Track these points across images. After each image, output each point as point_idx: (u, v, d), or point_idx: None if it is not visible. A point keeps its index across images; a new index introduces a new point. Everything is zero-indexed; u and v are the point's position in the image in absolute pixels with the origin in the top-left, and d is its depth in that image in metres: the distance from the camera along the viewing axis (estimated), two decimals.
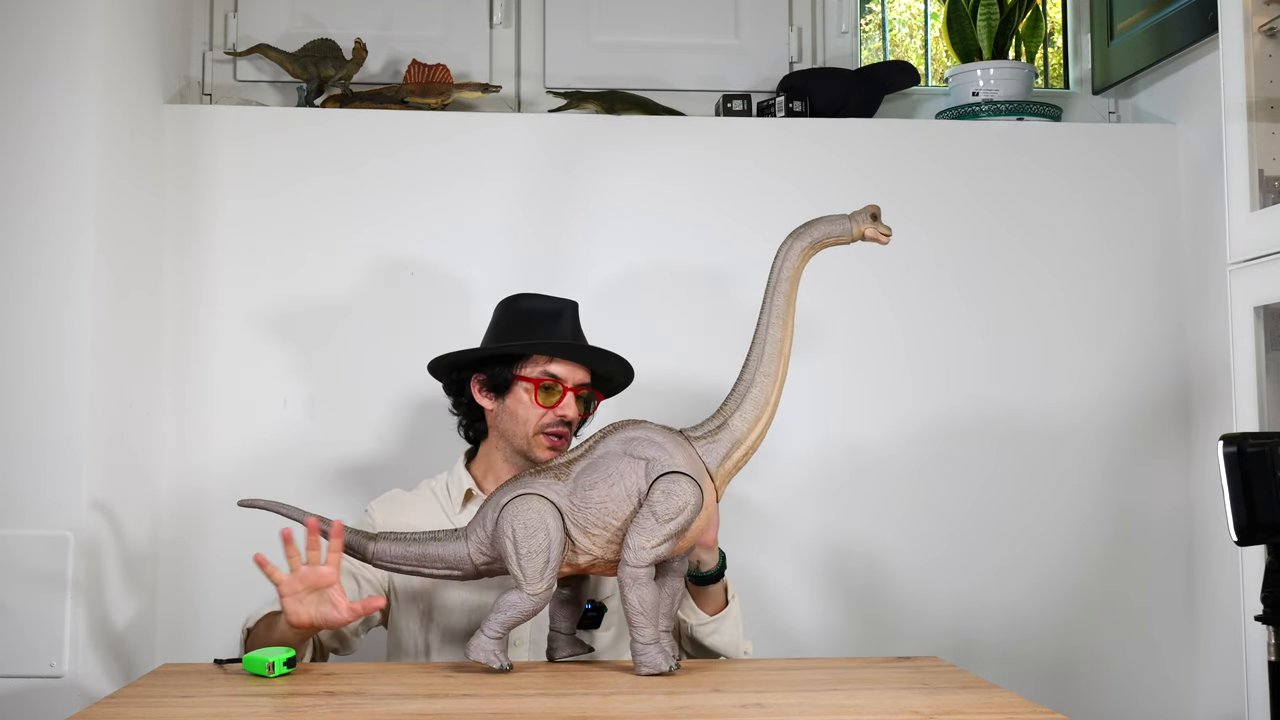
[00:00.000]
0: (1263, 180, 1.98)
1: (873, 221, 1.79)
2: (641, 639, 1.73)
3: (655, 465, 1.74)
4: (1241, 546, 1.49)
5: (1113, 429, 2.66)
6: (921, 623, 2.60)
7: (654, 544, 1.72)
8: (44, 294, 2.17)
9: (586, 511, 1.75)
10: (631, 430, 1.78)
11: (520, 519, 1.74)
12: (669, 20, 2.86)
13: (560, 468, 1.78)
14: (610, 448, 1.77)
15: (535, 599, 1.73)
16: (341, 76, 2.68)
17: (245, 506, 1.85)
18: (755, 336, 1.81)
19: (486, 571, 1.81)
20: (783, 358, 1.80)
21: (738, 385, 1.80)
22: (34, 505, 2.14)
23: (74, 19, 2.19)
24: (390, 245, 2.59)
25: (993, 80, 2.76)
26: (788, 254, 1.82)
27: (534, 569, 1.73)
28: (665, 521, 1.72)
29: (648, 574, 1.72)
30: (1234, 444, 1.46)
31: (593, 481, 1.75)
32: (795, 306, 1.82)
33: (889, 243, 1.81)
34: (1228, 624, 2.46)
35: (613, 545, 1.75)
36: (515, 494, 1.77)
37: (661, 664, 1.72)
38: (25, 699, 2.12)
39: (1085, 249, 2.69)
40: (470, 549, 1.79)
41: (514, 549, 1.73)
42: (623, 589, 1.73)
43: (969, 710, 1.55)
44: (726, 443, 1.78)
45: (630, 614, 1.72)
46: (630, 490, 1.74)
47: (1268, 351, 1.95)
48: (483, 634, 1.74)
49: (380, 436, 2.56)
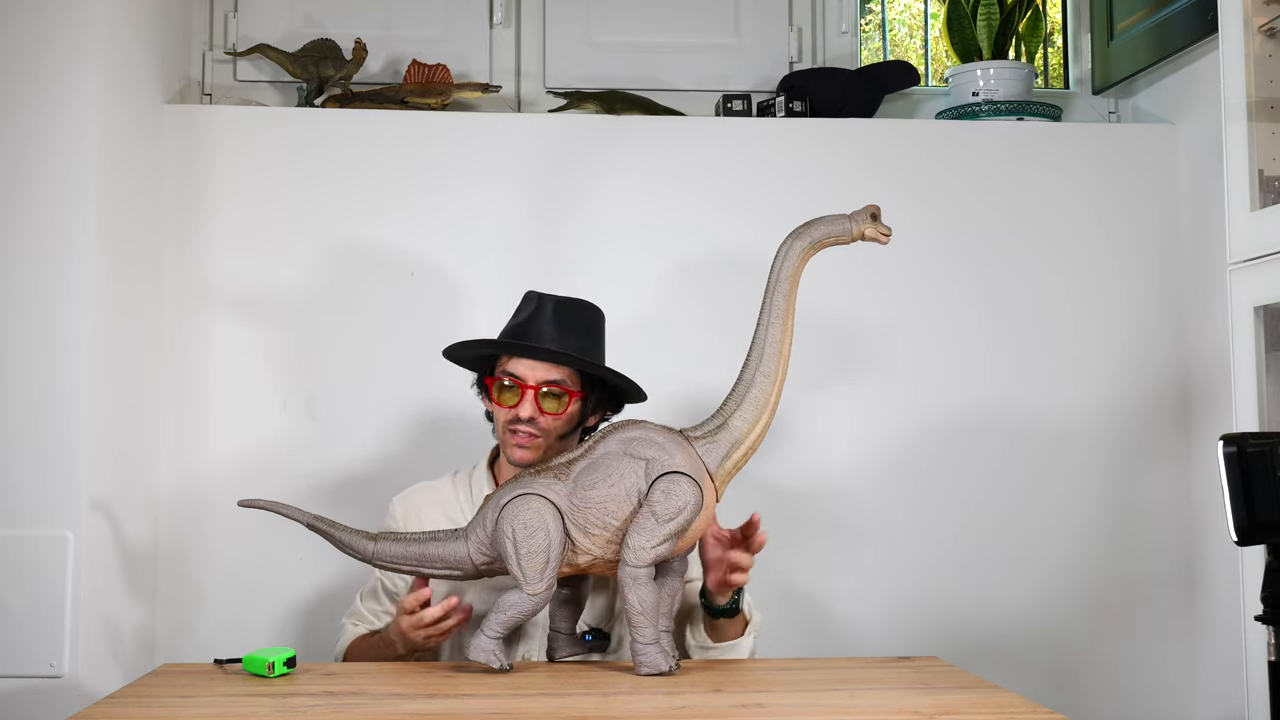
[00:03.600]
0: (1263, 180, 1.98)
1: (872, 221, 1.80)
2: (642, 639, 1.73)
3: (655, 465, 1.74)
4: (1241, 546, 1.49)
5: (1113, 429, 2.66)
6: (921, 623, 2.60)
7: (654, 544, 1.72)
8: (44, 294, 2.17)
9: (586, 511, 1.75)
10: (631, 430, 1.78)
11: (520, 519, 1.74)
12: (669, 20, 2.86)
13: (560, 468, 1.78)
14: (610, 448, 1.77)
15: (535, 599, 1.73)
16: (341, 76, 2.68)
17: (245, 507, 1.85)
18: (755, 336, 1.81)
19: (486, 572, 1.82)
20: (783, 357, 1.80)
21: (737, 385, 1.80)
22: (34, 505, 2.14)
23: (74, 19, 2.19)
24: (390, 245, 2.59)
25: (993, 80, 2.76)
26: (787, 254, 1.82)
27: (534, 569, 1.73)
28: (665, 521, 1.72)
29: (647, 574, 1.73)
30: (1234, 444, 1.46)
31: (592, 481, 1.75)
32: (795, 306, 1.81)
33: (889, 242, 1.81)
34: (1228, 624, 2.46)
35: (612, 545, 1.75)
36: (515, 494, 1.77)
37: (661, 664, 1.72)
38: (25, 699, 2.12)
39: (1085, 249, 2.69)
40: (470, 549, 1.79)
41: (514, 549, 1.73)
42: (623, 589, 1.73)
43: (969, 710, 1.55)
44: (726, 443, 1.78)
45: (630, 614, 1.73)
46: (630, 490, 1.74)
47: (1268, 351, 1.95)
48: (483, 634, 1.74)
49: (380, 437, 2.56)
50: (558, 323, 2.00)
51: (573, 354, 1.97)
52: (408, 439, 2.56)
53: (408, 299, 2.59)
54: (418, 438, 2.55)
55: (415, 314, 2.58)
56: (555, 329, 1.99)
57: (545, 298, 2.03)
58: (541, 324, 2.00)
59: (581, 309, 2.05)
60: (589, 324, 2.05)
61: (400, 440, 2.56)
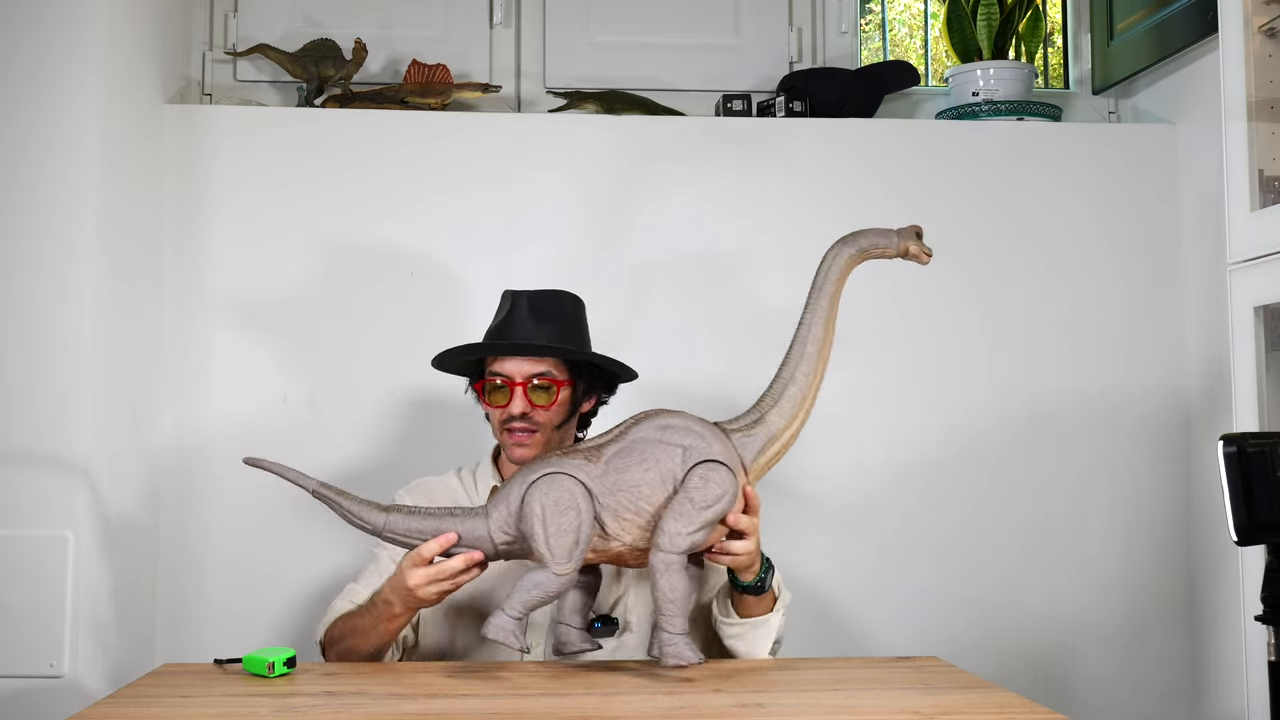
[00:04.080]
0: (1263, 180, 1.98)
1: (916, 240, 1.79)
2: (671, 628, 1.68)
3: (692, 453, 1.71)
4: (1241, 546, 1.49)
5: (1113, 428, 2.66)
6: (921, 623, 2.60)
7: (690, 530, 1.68)
8: (44, 293, 2.17)
9: (619, 495, 1.71)
10: (667, 417, 1.75)
11: (551, 495, 1.69)
12: (669, 20, 2.86)
13: (590, 450, 1.74)
14: (645, 433, 1.74)
15: (561, 579, 1.67)
16: (341, 76, 2.68)
17: (250, 465, 1.80)
18: (796, 336, 1.81)
19: (505, 553, 1.75)
20: (822, 360, 1.80)
21: (775, 383, 1.80)
22: (34, 505, 2.14)
23: (74, 19, 2.19)
24: (390, 245, 2.59)
25: (993, 80, 2.76)
26: (834, 260, 1.81)
27: (562, 548, 1.67)
28: (703, 509, 1.69)
29: (680, 561, 1.68)
30: (1234, 444, 1.46)
31: (626, 465, 1.71)
32: (838, 311, 1.81)
33: (929, 263, 1.81)
34: (1228, 624, 2.46)
35: (643, 531, 1.71)
36: (544, 472, 1.71)
37: (690, 656, 1.68)
38: (25, 699, 2.12)
39: (1085, 249, 2.69)
40: (491, 527, 1.73)
41: (542, 527, 1.68)
42: (654, 575, 1.68)
43: (969, 710, 1.55)
44: (762, 438, 1.78)
45: (660, 601, 1.68)
46: (666, 475, 1.71)
47: (1268, 351, 1.95)
48: (503, 613, 1.67)
49: (380, 434, 2.56)
50: (534, 316, 2.03)
51: (552, 345, 2.00)
52: (408, 438, 2.56)
53: (408, 299, 2.59)
54: (418, 437, 2.55)
55: (415, 314, 2.58)
56: (533, 322, 2.02)
57: (520, 294, 2.05)
58: (519, 320, 2.02)
59: (557, 299, 2.08)
60: (566, 313, 2.07)
61: (401, 440, 2.56)
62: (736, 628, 1.93)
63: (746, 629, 1.92)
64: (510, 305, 2.05)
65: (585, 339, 2.10)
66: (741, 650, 1.94)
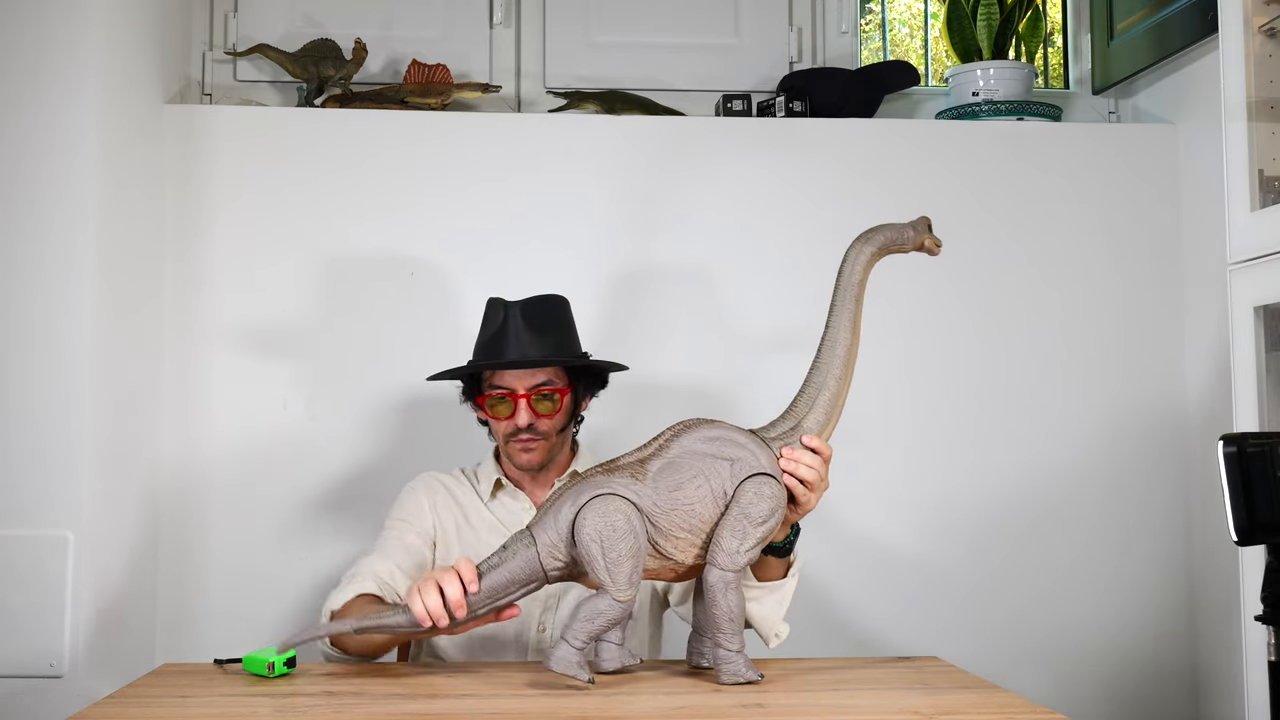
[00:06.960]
0: (1263, 180, 1.98)
1: (928, 231, 1.79)
2: (730, 646, 1.67)
3: (741, 466, 1.68)
4: (1241, 546, 1.49)
5: (1112, 428, 2.66)
6: (921, 623, 2.60)
7: (748, 547, 1.66)
8: (44, 294, 2.17)
9: (672, 514, 1.67)
10: (710, 429, 1.72)
11: (606, 519, 1.63)
12: (669, 20, 2.86)
13: (634, 466, 1.69)
14: (691, 446, 1.70)
15: (624, 605, 1.64)
16: (341, 76, 2.68)
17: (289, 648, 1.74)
18: (824, 340, 1.79)
19: (557, 578, 1.70)
20: (851, 361, 1.78)
21: (807, 388, 1.78)
22: (34, 505, 2.14)
23: (74, 19, 2.19)
24: (390, 245, 2.59)
25: (993, 80, 2.76)
26: (856, 258, 1.80)
27: (623, 574, 1.63)
28: (759, 524, 1.66)
29: (738, 579, 1.67)
30: (1234, 444, 1.46)
31: (678, 482, 1.67)
32: (863, 310, 1.80)
33: (939, 254, 1.81)
34: (1228, 624, 2.46)
35: (699, 550, 1.68)
36: (595, 494, 1.66)
37: (750, 675, 1.67)
38: (25, 699, 2.12)
39: (1085, 249, 2.69)
40: (540, 553, 1.67)
41: (601, 553, 1.63)
42: (712, 594, 1.65)
43: (969, 710, 1.55)
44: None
45: (720, 620, 1.66)
46: (717, 491, 1.68)
47: (1268, 351, 1.94)
48: (567, 644, 1.63)
49: (380, 437, 2.56)
50: (530, 327, 2.02)
51: (554, 357, 2.01)
52: (408, 439, 2.56)
53: (408, 299, 2.59)
54: (418, 438, 2.55)
55: (415, 314, 2.58)
56: (529, 333, 2.01)
57: (510, 304, 2.05)
58: (514, 332, 2.01)
59: (548, 305, 2.07)
60: (558, 317, 2.07)
61: (400, 440, 2.56)
62: (756, 590, 1.89)
63: (764, 593, 1.89)
64: (503, 316, 2.03)
65: (578, 341, 2.11)
66: (760, 615, 1.89)
